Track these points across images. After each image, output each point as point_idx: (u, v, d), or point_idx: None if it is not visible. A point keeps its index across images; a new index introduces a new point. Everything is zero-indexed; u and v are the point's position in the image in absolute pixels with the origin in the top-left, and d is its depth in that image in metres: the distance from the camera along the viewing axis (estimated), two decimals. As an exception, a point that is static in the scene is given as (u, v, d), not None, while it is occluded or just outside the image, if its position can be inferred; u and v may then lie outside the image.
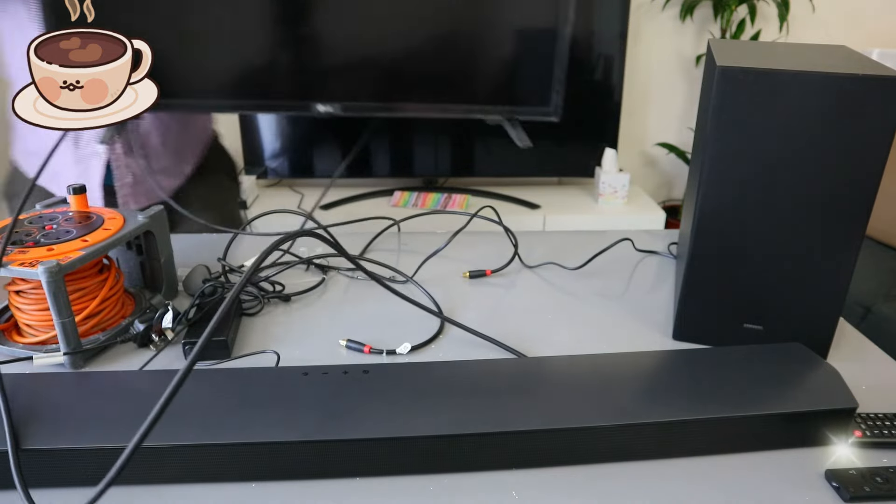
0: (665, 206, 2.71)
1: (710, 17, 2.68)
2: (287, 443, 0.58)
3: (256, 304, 0.89)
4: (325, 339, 0.82)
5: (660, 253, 1.10)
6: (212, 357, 0.77)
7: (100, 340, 0.77)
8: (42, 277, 0.69)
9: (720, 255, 0.76)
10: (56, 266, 0.69)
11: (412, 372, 0.68)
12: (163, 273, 0.88)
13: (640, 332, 0.86)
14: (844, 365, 0.70)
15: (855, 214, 0.70)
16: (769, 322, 0.78)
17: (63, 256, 0.72)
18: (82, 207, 0.85)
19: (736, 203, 0.73)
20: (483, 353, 0.80)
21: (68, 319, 0.72)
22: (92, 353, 0.77)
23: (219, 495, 0.58)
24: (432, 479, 0.60)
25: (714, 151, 0.71)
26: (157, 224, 0.85)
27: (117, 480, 0.58)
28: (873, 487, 0.58)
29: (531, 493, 0.58)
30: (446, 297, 0.93)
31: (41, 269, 0.69)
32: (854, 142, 0.67)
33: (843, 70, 0.66)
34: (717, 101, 0.69)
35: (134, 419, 0.60)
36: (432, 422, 0.60)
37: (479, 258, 1.08)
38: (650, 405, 0.63)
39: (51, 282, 0.69)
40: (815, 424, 0.63)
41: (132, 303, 0.86)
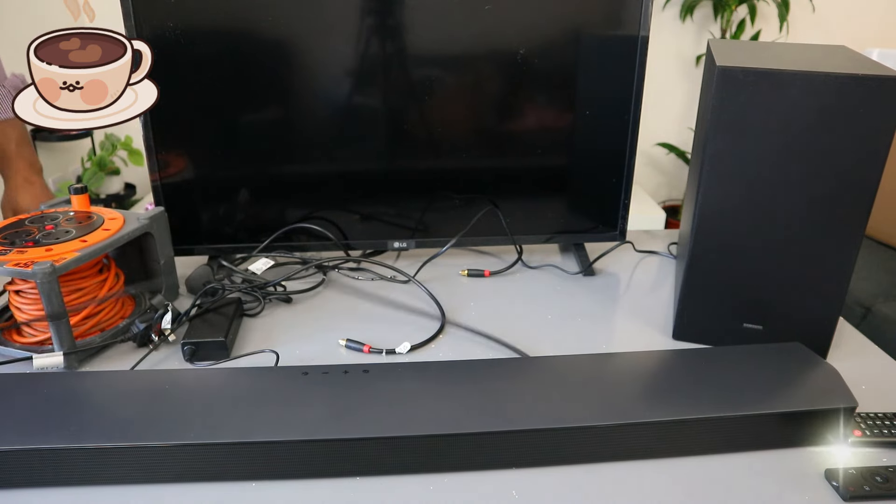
0: (665, 206, 2.71)
1: (710, 17, 2.68)
2: (287, 442, 0.58)
3: (257, 305, 0.89)
4: (324, 339, 0.82)
5: (660, 253, 1.10)
6: (210, 358, 0.77)
7: (96, 342, 0.77)
8: (36, 278, 0.69)
9: (720, 255, 0.76)
10: (50, 267, 0.69)
11: (412, 371, 0.68)
12: (162, 274, 0.88)
13: (640, 332, 0.86)
14: (844, 365, 0.70)
15: (855, 214, 0.70)
16: (769, 322, 0.78)
17: (59, 257, 0.72)
18: (84, 207, 0.85)
19: (736, 203, 0.73)
20: (483, 353, 0.80)
21: (63, 320, 0.72)
22: (88, 353, 0.77)
23: (219, 495, 0.58)
24: (433, 478, 0.60)
25: (714, 151, 0.71)
26: (157, 226, 0.85)
27: (117, 480, 0.58)
28: (873, 487, 0.58)
29: (531, 493, 0.58)
30: (447, 298, 0.93)
31: (35, 270, 0.68)
32: (854, 142, 0.67)
33: (843, 70, 0.66)
34: (717, 101, 0.69)
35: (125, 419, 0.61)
36: (433, 421, 0.60)
37: (480, 260, 1.08)
38: (650, 405, 0.63)
39: (44, 282, 0.69)
40: (814, 424, 0.63)
41: (132, 303, 0.86)
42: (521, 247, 1.05)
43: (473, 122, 1.00)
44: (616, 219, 1.04)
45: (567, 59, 0.95)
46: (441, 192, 1.01)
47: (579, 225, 1.05)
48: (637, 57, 0.94)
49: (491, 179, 1.02)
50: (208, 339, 0.77)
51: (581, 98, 0.97)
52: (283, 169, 0.98)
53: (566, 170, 1.03)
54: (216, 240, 0.99)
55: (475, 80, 0.97)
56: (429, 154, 1.00)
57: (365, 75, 0.94)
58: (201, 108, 0.93)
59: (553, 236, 1.06)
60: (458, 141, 1.00)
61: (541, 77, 0.96)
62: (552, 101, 0.99)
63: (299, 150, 0.98)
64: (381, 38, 0.92)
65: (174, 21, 0.87)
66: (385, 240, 1.02)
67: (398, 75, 0.94)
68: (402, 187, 1.01)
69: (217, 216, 0.99)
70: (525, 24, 0.93)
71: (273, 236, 0.98)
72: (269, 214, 1.00)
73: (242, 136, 0.95)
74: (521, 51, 0.93)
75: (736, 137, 0.70)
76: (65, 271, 0.71)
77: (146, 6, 0.85)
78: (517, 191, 1.03)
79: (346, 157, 0.99)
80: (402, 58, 0.93)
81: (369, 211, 1.02)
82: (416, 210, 1.02)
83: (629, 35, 0.93)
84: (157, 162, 0.93)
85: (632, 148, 0.99)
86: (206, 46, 0.90)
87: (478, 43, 0.94)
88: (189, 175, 0.96)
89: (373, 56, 0.92)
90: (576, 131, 1.00)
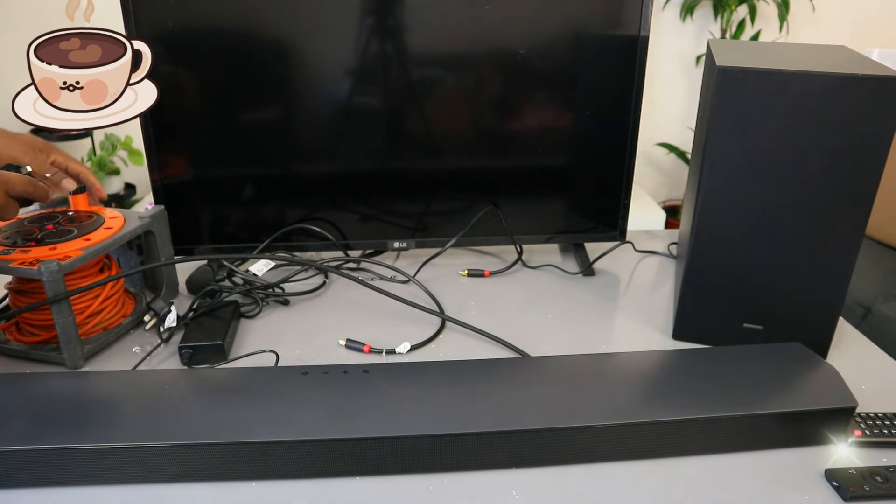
0: (665, 206, 2.71)
1: (710, 17, 2.68)
2: (287, 442, 0.58)
3: (255, 308, 0.89)
4: (324, 340, 0.82)
5: (660, 253, 1.10)
6: (208, 361, 0.77)
7: (101, 339, 0.77)
8: (43, 277, 0.69)
9: (720, 255, 0.76)
10: (56, 265, 0.69)
11: (412, 371, 0.68)
12: (163, 273, 0.88)
13: (640, 332, 0.86)
14: (844, 365, 0.70)
15: (855, 214, 0.70)
16: (769, 322, 0.78)
17: (64, 255, 0.72)
18: (83, 207, 0.85)
19: (736, 203, 0.73)
20: (483, 353, 0.80)
21: (69, 318, 0.72)
22: (94, 350, 0.77)
23: (219, 494, 0.58)
24: (433, 478, 0.60)
25: (714, 151, 0.71)
26: (157, 224, 0.85)
27: (118, 480, 0.58)
28: (873, 487, 0.58)
29: (531, 493, 0.58)
30: (447, 298, 0.93)
31: (42, 269, 0.69)
32: (854, 142, 0.67)
33: (843, 70, 0.66)
34: (717, 101, 0.69)
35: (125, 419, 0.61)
36: (433, 421, 0.60)
37: (480, 260, 1.08)
38: (650, 405, 0.63)
39: (51, 281, 0.69)
40: (814, 424, 0.63)
41: (132, 303, 0.86)
42: (521, 247, 1.05)
43: (473, 122, 1.00)
44: (616, 219, 1.04)
45: (567, 59, 0.95)
46: (441, 192, 1.01)
47: (579, 225, 1.05)
48: (637, 57, 0.94)
49: (491, 179, 1.02)
50: (206, 343, 0.76)
51: (581, 98, 0.97)
52: (282, 169, 0.98)
53: (566, 170, 1.03)
54: (216, 240, 0.99)
55: (475, 80, 0.97)
56: (429, 154, 1.00)
57: (365, 75, 0.94)
58: (201, 108, 0.93)
59: (553, 236, 1.06)
60: (458, 141, 1.00)
61: (541, 77, 0.96)
62: (552, 101, 0.99)
63: (299, 149, 0.98)
64: (381, 38, 0.91)
65: (174, 21, 0.87)
66: (385, 240, 1.02)
67: (398, 75, 0.94)
68: (402, 187, 1.01)
69: (217, 216, 0.99)
70: (525, 24, 0.93)
71: (273, 236, 0.98)
72: (268, 214, 1.00)
73: (242, 136, 0.95)
74: (522, 51, 0.93)
75: (736, 137, 0.70)
76: (71, 269, 0.72)
77: (146, 6, 0.85)
78: (517, 191, 1.03)
79: (346, 156, 0.99)
80: (402, 58, 0.93)
81: (369, 211, 1.02)
82: (416, 210, 1.02)
83: (629, 35, 0.93)
84: (157, 162, 0.93)
85: (632, 148, 0.99)
86: (206, 46, 0.90)
87: (478, 43, 0.94)
88: (189, 175, 0.96)
89: (373, 56, 0.92)
90: (576, 131, 1.00)
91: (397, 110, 0.96)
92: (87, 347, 0.76)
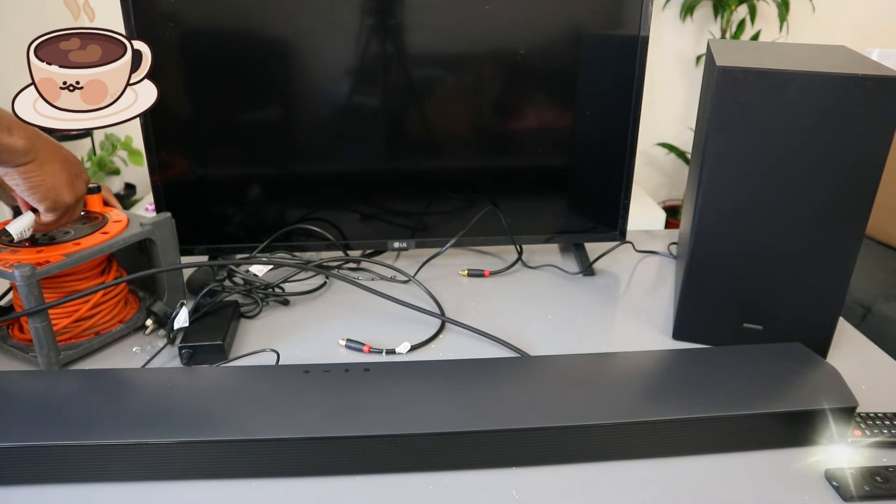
0: (665, 206, 2.71)
1: (710, 17, 2.68)
2: (288, 440, 0.58)
3: (255, 308, 0.89)
4: (324, 340, 0.82)
5: (660, 253, 1.10)
6: (209, 361, 0.77)
7: (94, 345, 0.77)
8: (15, 280, 0.68)
9: (720, 255, 0.76)
10: (30, 270, 0.68)
11: (414, 370, 0.68)
12: (165, 279, 0.86)
13: (640, 332, 0.86)
14: (844, 365, 0.70)
15: (855, 214, 0.70)
16: (769, 322, 0.78)
17: (45, 260, 0.71)
18: (96, 207, 0.84)
19: (736, 203, 0.73)
20: (483, 353, 0.80)
21: (42, 325, 0.71)
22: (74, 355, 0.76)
23: (220, 492, 0.58)
24: (433, 476, 0.60)
25: (714, 151, 0.72)
26: (160, 232, 0.82)
27: (119, 477, 0.58)
28: (873, 487, 0.58)
29: (531, 492, 0.58)
30: (447, 298, 0.93)
31: (16, 273, 0.67)
32: (854, 142, 0.67)
33: (843, 70, 0.66)
34: (717, 101, 0.69)
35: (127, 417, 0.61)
36: (433, 420, 0.60)
37: (480, 260, 1.08)
38: (650, 404, 0.63)
39: (23, 285, 0.68)
40: (814, 424, 0.63)
41: (136, 304, 0.86)
42: (521, 247, 1.05)
43: (473, 122, 1.00)
44: (616, 219, 1.04)
45: (567, 59, 0.95)
46: (441, 192, 1.01)
47: (579, 225, 1.05)
48: (637, 57, 0.94)
49: (491, 179, 1.02)
50: (206, 343, 0.76)
51: (581, 98, 0.97)
52: (282, 169, 0.98)
53: (566, 170, 1.03)
54: (216, 239, 0.99)
55: (475, 80, 0.97)
56: (429, 154, 1.00)
57: (365, 75, 0.94)
58: (201, 108, 0.93)
59: (553, 236, 1.06)
60: (458, 141, 1.00)
61: (541, 77, 0.96)
62: (552, 101, 0.99)
63: (299, 149, 0.98)
64: (381, 37, 0.91)
65: (174, 21, 0.87)
66: (385, 240, 1.02)
67: (398, 75, 0.94)
68: (402, 187, 1.01)
69: (217, 216, 0.99)
70: (525, 24, 0.93)
71: (273, 236, 0.98)
72: (268, 214, 1.00)
73: (242, 136, 0.95)
74: (521, 51, 0.93)
75: (736, 137, 0.70)
76: (47, 275, 0.70)
77: (146, 6, 0.85)
78: (517, 191, 1.03)
79: (346, 156, 0.99)
80: (402, 58, 0.93)
81: (369, 211, 1.02)
82: (416, 210, 1.02)
83: (629, 35, 0.93)
84: (157, 162, 0.93)
85: (632, 148, 0.99)
86: (206, 46, 0.90)
87: (478, 43, 0.94)
88: (189, 175, 0.96)
89: (373, 56, 0.92)
90: (576, 131, 1.00)
91: (397, 110, 0.96)
92: (66, 354, 0.74)
